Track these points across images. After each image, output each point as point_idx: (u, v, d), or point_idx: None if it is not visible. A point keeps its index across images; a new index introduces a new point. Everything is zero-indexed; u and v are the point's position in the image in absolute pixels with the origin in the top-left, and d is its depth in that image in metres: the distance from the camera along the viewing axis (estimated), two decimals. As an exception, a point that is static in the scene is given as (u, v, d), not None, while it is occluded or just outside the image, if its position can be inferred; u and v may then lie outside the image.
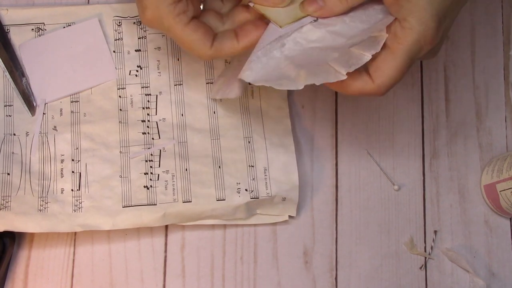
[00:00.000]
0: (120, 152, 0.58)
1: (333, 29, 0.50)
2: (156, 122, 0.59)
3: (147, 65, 0.61)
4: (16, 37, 0.60)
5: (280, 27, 0.50)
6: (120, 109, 0.60)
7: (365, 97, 0.54)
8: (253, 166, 0.59)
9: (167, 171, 0.58)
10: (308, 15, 0.50)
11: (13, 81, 0.59)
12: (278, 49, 0.49)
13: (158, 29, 0.51)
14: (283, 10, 0.51)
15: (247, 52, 0.51)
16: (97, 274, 0.57)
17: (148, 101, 0.60)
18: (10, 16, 0.61)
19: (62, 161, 0.58)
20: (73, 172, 0.57)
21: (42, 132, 0.58)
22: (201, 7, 0.53)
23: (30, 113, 0.59)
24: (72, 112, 0.59)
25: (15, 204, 0.55)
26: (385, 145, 0.62)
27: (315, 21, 0.50)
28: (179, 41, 0.51)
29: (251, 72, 0.49)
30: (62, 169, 0.57)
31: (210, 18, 0.52)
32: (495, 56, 0.65)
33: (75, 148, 0.58)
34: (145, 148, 0.58)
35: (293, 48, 0.50)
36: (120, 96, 0.60)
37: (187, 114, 0.60)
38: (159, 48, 0.61)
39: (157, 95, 0.60)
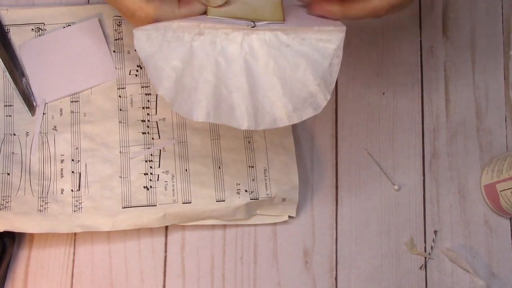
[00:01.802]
0: (120, 152, 0.58)
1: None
2: (156, 122, 0.59)
3: (147, 65, 0.61)
4: (16, 37, 0.60)
5: (206, 15, 0.45)
6: (120, 109, 0.60)
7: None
8: (253, 167, 0.59)
9: (167, 172, 0.58)
10: (247, 18, 0.44)
11: (13, 81, 0.59)
12: (191, 35, 0.43)
13: None
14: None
15: None
16: (97, 274, 0.57)
17: (148, 100, 0.60)
18: (10, 16, 0.61)
19: (62, 161, 0.58)
20: (73, 172, 0.57)
21: (42, 132, 0.58)
22: None
23: (30, 113, 0.59)
24: (72, 112, 0.59)
25: (15, 204, 0.55)
26: (385, 145, 0.62)
27: (252, 27, 0.44)
28: None
29: (146, 41, 0.43)
30: (62, 169, 0.57)
31: None
32: (495, 56, 0.65)
33: (75, 148, 0.58)
34: (145, 148, 0.58)
35: (205, 46, 0.42)
36: (120, 96, 0.60)
37: (187, 113, 0.60)
38: (159, 48, 0.61)
39: (157, 95, 0.60)
